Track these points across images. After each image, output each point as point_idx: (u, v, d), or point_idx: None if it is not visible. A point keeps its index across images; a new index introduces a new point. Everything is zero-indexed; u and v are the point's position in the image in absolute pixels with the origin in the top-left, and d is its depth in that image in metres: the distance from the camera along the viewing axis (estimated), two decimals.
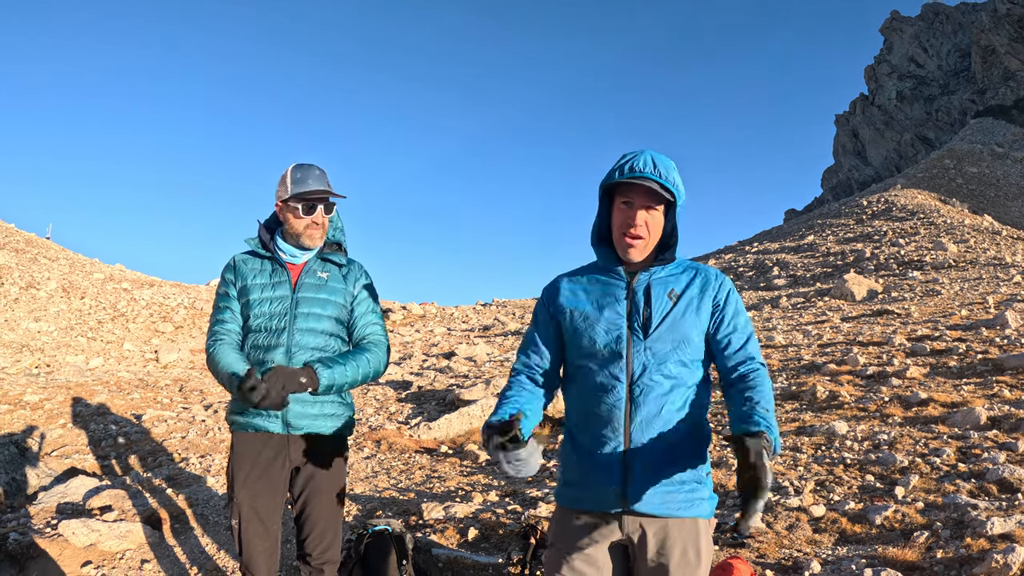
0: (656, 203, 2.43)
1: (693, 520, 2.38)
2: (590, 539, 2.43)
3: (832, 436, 6.96)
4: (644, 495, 2.34)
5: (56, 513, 5.36)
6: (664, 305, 2.44)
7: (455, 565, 4.69)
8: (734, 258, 37.60)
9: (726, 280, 2.56)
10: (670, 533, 2.35)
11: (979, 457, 5.88)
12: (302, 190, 3.25)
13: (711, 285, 2.50)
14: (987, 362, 8.99)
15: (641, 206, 2.42)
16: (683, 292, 2.46)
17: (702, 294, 2.48)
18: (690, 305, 2.45)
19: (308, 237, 3.31)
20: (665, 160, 2.43)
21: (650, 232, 2.44)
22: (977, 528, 4.48)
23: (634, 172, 2.39)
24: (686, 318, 2.43)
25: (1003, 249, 27.23)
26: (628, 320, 2.44)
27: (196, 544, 5.17)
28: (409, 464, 7.92)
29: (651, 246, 2.47)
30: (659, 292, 2.46)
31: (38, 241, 28.81)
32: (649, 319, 2.42)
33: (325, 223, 3.36)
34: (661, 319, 2.41)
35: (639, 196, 2.41)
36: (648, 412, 2.36)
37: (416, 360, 16.37)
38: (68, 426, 8.96)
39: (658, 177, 2.38)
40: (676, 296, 2.45)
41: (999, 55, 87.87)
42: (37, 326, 18.74)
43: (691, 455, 2.40)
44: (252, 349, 3.27)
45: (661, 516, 2.35)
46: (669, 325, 2.41)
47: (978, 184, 56.88)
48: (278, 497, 3.25)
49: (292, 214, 3.28)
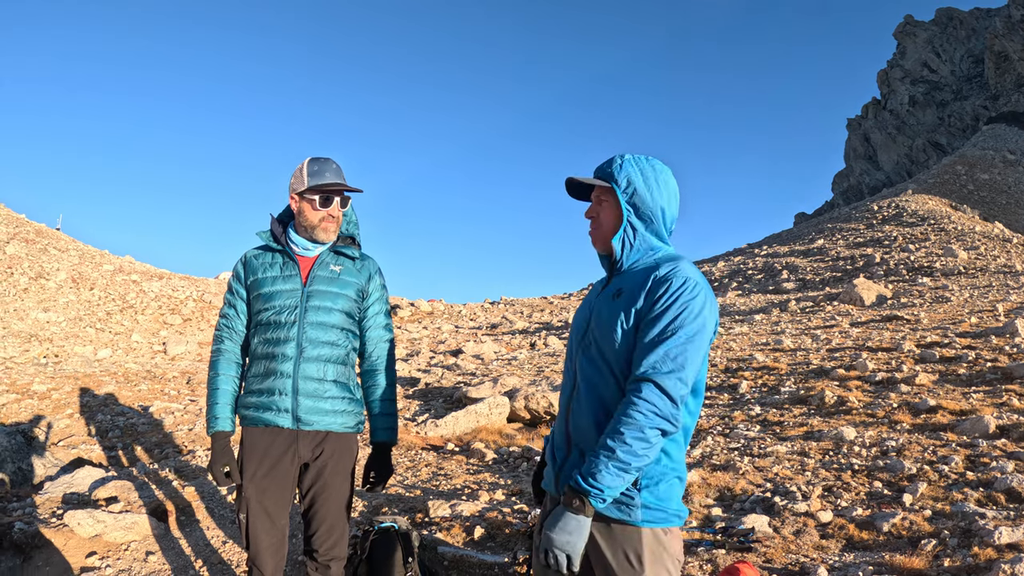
0: (603, 196, 2.53)
1: (629, 525, 2.31)
2: None
3: (840, 441, 6.93)
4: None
5: (62, 503, 5.36)
6: (604, 303, 2.45)
7: (461, 564, 4.68)
8: (743, 261, 37.53)
9: (673, 277, 2.30)
10: (612, 534, 2.32)
11: (987, 466, 5.85)
12: (319, 182, 3.25)
13: (650, 281, 2.31)
14: (996, 370, 8.95)
15: (592, 198, 2.58)
16: (628, 290, 2.37)
17: (638, 291, 2.33)
18: (624, 303, 2.35)
19: (323, 230, 3.30)
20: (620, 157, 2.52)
21: (601, 220, 2.54)
22: (985, 537, 4.45)
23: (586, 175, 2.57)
24: (614, 316, 2.36)
25: (1013, 257, 27.08)
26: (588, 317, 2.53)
27: (202, 537, 5.17)
28: (415, 461, 7.92)
29: (607, 234, 2.52)
30: (611, 289, 2.47)
31: (48, 232, 28.92)
32: (591, 317, 2.49)
33: (340, 217, 3.35)
34: (597, 318, 2.44)
35: (593, 192, 2.59)
36: (578, 409, 2.43)
37: (424, 357, 16.38)
38: (75, 416, 8.99)
39: (600, 173, 2.52)
40: (619, 293, 2.40)
41: (1012, 61, 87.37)
42: (46, 316, 18.82)
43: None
44: (263, 343, 3.27)
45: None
46: (599, 323, 2.41)
47: (989, 191, 56.59)
48: (286, 493, 3.25)
49: (309, 206, 3.28)
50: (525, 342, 18.58)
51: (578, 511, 2.19)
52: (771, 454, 6.78)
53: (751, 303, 24.02)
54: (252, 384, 3.28)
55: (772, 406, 8.84)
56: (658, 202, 2.48)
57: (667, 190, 2.50)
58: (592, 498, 2.17)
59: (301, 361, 3.21)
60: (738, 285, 31.31)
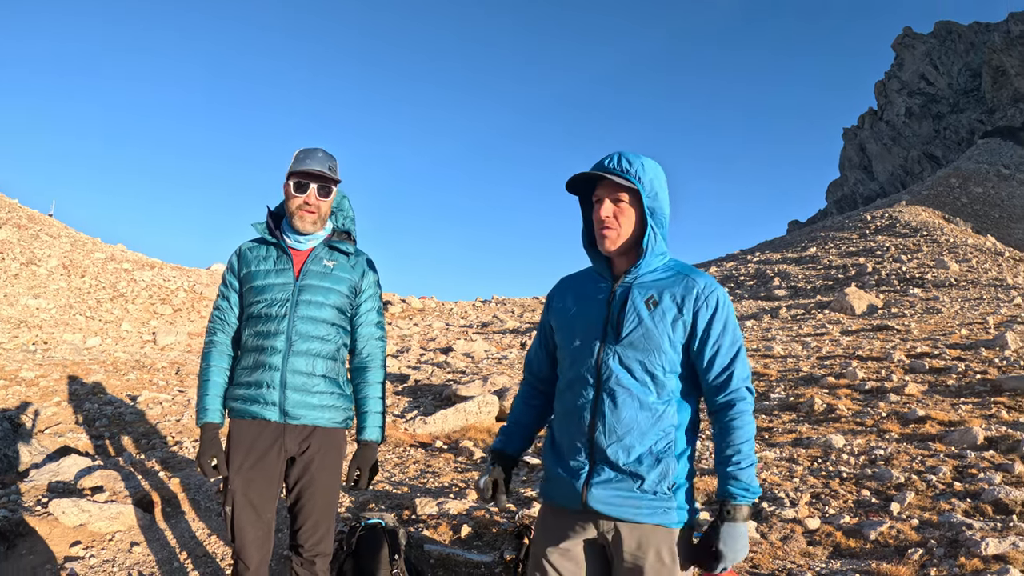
0: (623, 195, 2.45)
1: (664, 527, 2.37)
2: (565, 534, 2.49)
3: (829, 449, 6.94)
4: (603, 496, 2.37)
5: (47, 491, 5.32)
6: (640, 311, 2.41)
7: (447, 562, 4.67)
8: (735, 266, 37.60)
9: (716, 291, 2.45)
10: (644, 536, 2.36)
11: (975, 477, 5.86)
12: (298, 168, 3.23)
13: (693, 295, 2.42)
14: (986, 382, 8.98)
15: (607, 197, 2.46)
16: (661, 299, 2.42)
17: (682, 303, 2.41)
18: (666, 314, 2.40)
19: (299, 218, 3.25)
20: (636, 157, 2.45)
21: (620, 223, 2.45)
22: (971, 548, 4.46)
23: (600, 168, 2.47)
24: (660, 326, 2.38)
25: (1005, 270, 27.19)
26: (604, 323, 2.45)
27: (187, 529, 5.14)
28: (403, 458, 7.90)
29: (624, 237, 2.46)
30: (638, 296, 2.43)
31: (40, 218, 28.77)
32: (622, 323, 2.41)
33: (320, 207, 3.28)
34: (634, 325, 2.39)
35: (604, 189, 2.47)
36: (613, 415, 2.38)
37: (414, 354, 16.35)
38: (63, 404, 8.94)
39: (621, 171, 2.42)
40: (654, 303, 2.41)
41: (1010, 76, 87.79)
42: (36, 303, 18.72)
43: (656, 464, 2.36)
44: (253, 335, 3.25)
45: (619, 519, 2.37)
46: (641, 333, 2.38)
47: (983, 204, 56.89)
48: (273, 486, 3.22)
49: (287, 192, 3.27)
50: (516, 341, 18.57)
51: (746, 520, 2.33)
52: (760, 460, 6.79)
53: (742, 309, 24.06)
54: (241, 376, 3.25)
55: (761, 412, 8.85)
56: (667, 205, 2.50)
57: (667, 193, 2.51)
58: (750, 504, 2.34)
59: (290, 355, 3.18)
60: (730, 291, 31.35)
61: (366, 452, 3.32)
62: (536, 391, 2.83)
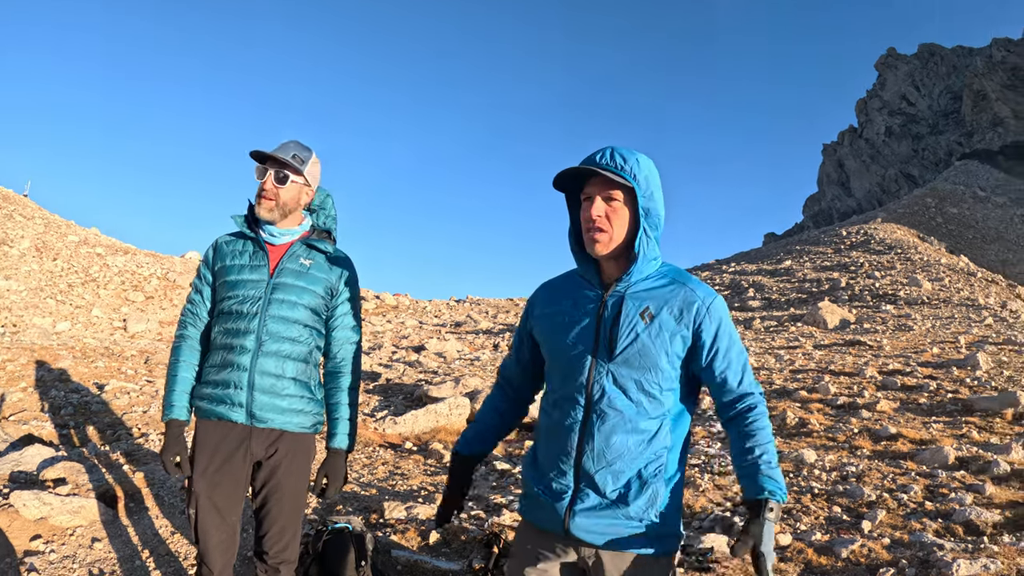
0: (616, 194, 2.26)
1: (648, 556, 2.26)
2: (544, 555, 2.38)
3: (800, 464, 6.94)
4: (587, 525, 2.25)
5: (9, 481, 5.19)
6: (635, 325, 2.24)
7: (415, 569, 4.59)
8: (710, 276, 37.76)
9: (716, 302, 2.30)
10: (627, 565, 2.26)
11: (946, 497, 5.88)
12: (259, 152, 3.16)
13: (693, 309, 2.26)
14: (957, 402, 9.03)
15: (598, 195, 2.26)
16: (659, 312, 2.25)
17: (681, 316, 2.25)
18: (663, 328, 2.24)
19: (259, 205, 3.18)
20: (631, 152, 2.27)
21: (612, 225, 2.26)
22: (943, 569, 4.45)
23: (591, 163, 2.27)
24: (657, 342, 2.23)
25: (977, 291, 27.52)
26: (595, 337, 2.29)
27: (150, 526, 5.03)
28: (372, 458, 7.81)
29: (616, 241, 2.27)
30: (632, 308, 2.26)
31: (15, 198, 28.28)
32: (615, 339, 2.25)
33: (278, 195, 3.16)
34: (629, 341, 2.24)
35: (595, 187, 2.27)
36: (603, 438, 2.24)
37: (386, 351, 16.24)
38: (29, 390, 8.76)
39: (615, 168, 2.24)
40: (650, 316, 2.25)
41: (990, 100, 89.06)
42: (6, 284, 18.39)
43: (644, 490, 2.24)
44: (222, 332, 3.15)
45: (602, 548, 2.27)
46: (637, 349, 2.23)
47: (957, 225, 57.63)
48: (239, 490, 3.13)
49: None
50: (488, 342, 18.50)
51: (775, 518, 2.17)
52: (732, 472, 6.77)
53: None
54: (208, 375, 3.16)
55: None
56: (662, 206, 2.33)
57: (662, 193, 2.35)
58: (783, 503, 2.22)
59: (260, 355, 3.08)
60: None
61: (335, 460, 3.23)
62: (506, 396, 2.73)
